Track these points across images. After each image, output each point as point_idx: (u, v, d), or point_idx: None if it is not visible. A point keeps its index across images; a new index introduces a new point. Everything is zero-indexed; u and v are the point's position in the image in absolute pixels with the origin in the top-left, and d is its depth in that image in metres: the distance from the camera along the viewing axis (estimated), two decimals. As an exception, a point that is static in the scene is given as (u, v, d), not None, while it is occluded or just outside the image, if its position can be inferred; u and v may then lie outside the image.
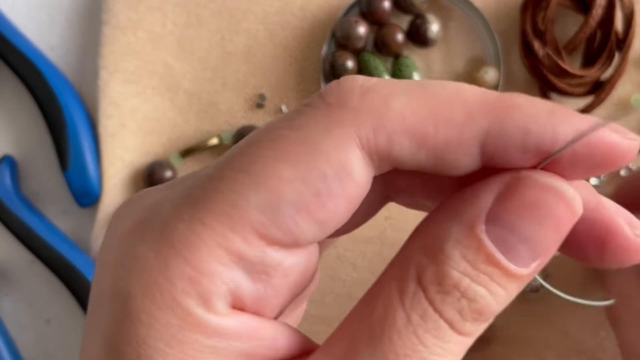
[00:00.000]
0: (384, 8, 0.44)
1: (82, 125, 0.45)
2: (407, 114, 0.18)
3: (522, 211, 0.18)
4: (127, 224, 0.19)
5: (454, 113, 0.18)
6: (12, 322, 0.47)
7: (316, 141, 0.18)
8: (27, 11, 0.47)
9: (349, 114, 0.18)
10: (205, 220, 0.18)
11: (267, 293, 0.19)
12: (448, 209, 0.19)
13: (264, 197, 0.18)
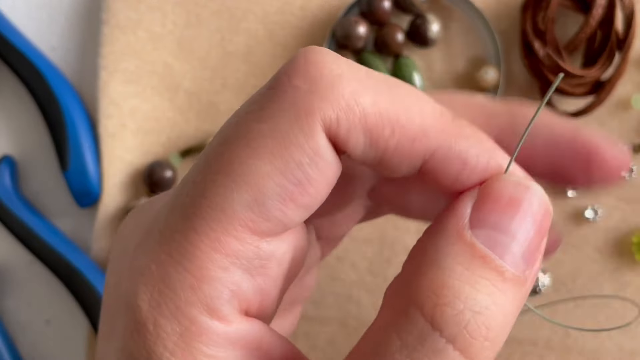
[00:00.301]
0: (384, 8, 0.44)
1: (82, 125, 0.45)
2: (369, 113, 0.19)
3: (502, 209, 0.19)
4: (135, 238, 0.20)
5: (411, 125, 0.19)
6: (12, 322, 0.47)
7: (288, 132, 0.18)
8: (26, 11, 0.47)
9: (316, 101, 0.19)
10: (198, 228, 0.18)
11: (267, 285, 0.19)
12: (431, 230, 0.19)
13: (248, 196, 0.18)
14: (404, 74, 0.44)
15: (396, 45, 0.44)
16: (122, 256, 0.20)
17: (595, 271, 0.45)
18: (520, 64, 0.45)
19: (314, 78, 0.19)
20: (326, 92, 0.19)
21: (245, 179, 0.18)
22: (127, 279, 0.19)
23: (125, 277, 0.19)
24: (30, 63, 0.44)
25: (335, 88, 0.19)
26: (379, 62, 0.44)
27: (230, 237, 0.18)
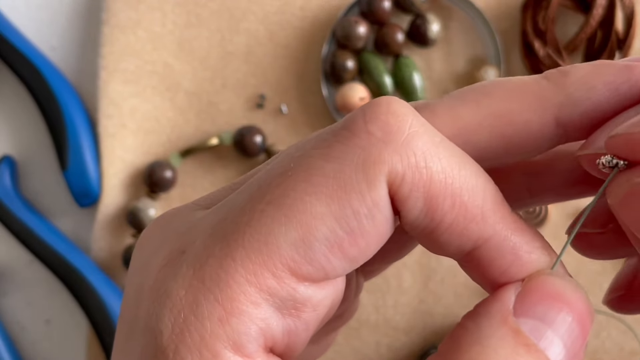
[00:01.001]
0: (384, 8, 0.44)
1: (82, 125, 0.45)
2: (435, 179, 0.18)
3: (549, 302, 0.18)
4: (161, 253, 0.19)
5: (472, 205, 0.18)
6: (12, 321, 0.47)
7: (351, 177, 0.18)
8: (27, 11, 0.47)
9: (387, 152, 0.18)
10: (236, 257, 0.17)
11: (297, 327, 0.18)
12: (473, 314, 0.19)
13: (296, 234, 0.17)
14: (403, 74, 0.44)
15: (396, 45, 0.44)
16: (144, 271, 0.19)
17: (595, 271, 0.45)
18: (520, 63, 0.45)
19: (391, 128, 0.18)
20: (399, 145, 0.18)
21: (297, 215, 0.17)
22: (150, 299, 0.18)
23: (147, 295, 0.18)
24: (30, 63, 0.44)
25: (410, 144, 0.18)
26: (379, 62, 0.44)
27: (268, 273, 0.17)
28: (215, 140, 0.45)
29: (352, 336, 0.45)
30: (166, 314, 0.17)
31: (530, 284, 0.18)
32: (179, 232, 0.19)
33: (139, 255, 0.20)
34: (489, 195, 0.19)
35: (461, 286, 0.45)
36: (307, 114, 0.46)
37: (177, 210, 0.21)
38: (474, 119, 0.19)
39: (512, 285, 0.18)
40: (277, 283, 0.17)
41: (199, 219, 0.19)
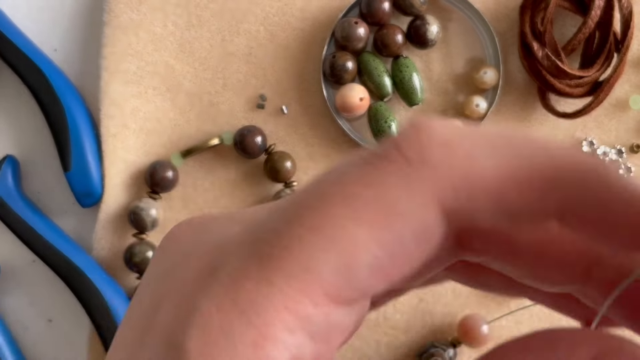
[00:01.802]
0: (384, 9, 0.44)
1: (84, 126, 0.45)
2: (489, 173, 0.17)
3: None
4: (191, 265, 0.18)
5: (538, 179, 0.17)
6: (14, 321, 0.47)
7: (394, 201, 0.17)
8: (29, 13, 0.47)
9: (429, 171, 0.17)
10: (275, 281, 0.17)
11: (324, 351, 0.18)
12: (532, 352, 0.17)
13: (337, 260, 0.17)
14: (403, 74, 0.44)
15: (396, 45, 0.44)
16: (168, 278, 0.18)
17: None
18: (519, 64, 0.45)
19: (425, 147, 0.17)
20: (440, 160, 0.17)
21: (339, 242, 0.17)
22: (175, 311, 0.17)
23: (172, 306, 0.17)
24: (32, 64, 0.44)
25: (449, 154, 0.17)
26: (378, 63, 0.44)
27: (307, 299, 0.17)
28: (216, 141, 0.45)
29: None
30: (194, 332, 0.17)
31: (606, 353, 0.17)
32: (211, 244, 0.18)
33: (163, 259, 0.19)
34: (551, 158, 0.17)
35: (460, 285, 0.45)
36: (307, 115, 0.46)
37: (211, 218, 0.20)
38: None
39: (589, 344, 0.17)
40: (314, 309, 0.17)
41: (233, 235, 0.18)
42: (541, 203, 0.17)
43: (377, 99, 0.45)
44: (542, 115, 0.46)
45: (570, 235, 0.18)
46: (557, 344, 0.16)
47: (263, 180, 0.46)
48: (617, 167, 0.45)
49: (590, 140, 0.45)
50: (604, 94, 0.43)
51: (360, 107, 0.44)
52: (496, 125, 0.25)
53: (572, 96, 0.43)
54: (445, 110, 0.46)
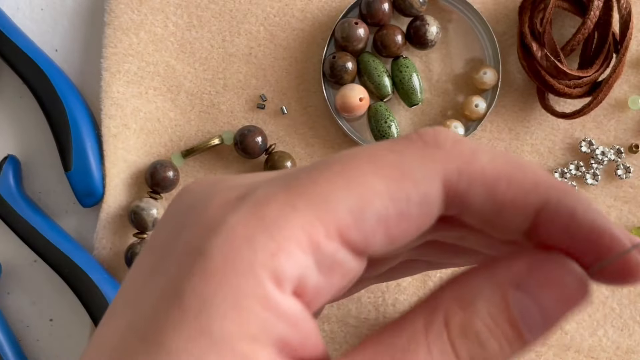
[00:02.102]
0: (384, 10, 0.44)
1: (85, 126, 0.45)
2: (488, 167, 0.21)
3: (549, 286, 0.20)
4: (218, 197, 0.20)
5: (525, 178, 0.21)
6: (16, 320, 0.47)
7: (410, 167, 0.20)
8: (30, 13, 0.47)
9: (441, 153, 0.20)
10: (297, 205, 0.19)
11: (324, 287, 0.20)
12: (484, 269, 0.21)
13: (354, 201, 0.19)
14: (403, 75, 0.44)
15: (395, 46, 0.44)
16: (192, 209, 0.20)
17: (593, 270, 0.45)
18: (518, 65, 0.46)
19: (440, 137, 0.21)
20: (451, 147, 0.21)
21: (358, 186, 0.19)
22: (201, 225, 0.19)
23: (198, 223, 0.19)
24: (33, 64, 0.44)
25: (458, 146, 0.21)
26: (378, 63, 0.45)
27: (322, 227, 0.19)
28: (216, 141, 0.45)
29: (351, 334, 0.46)
30: (219, 240, 0.19)
31: (542, 262, 0.20)
32: (237, 184, 0.21)
33: (180, 201, 0.21)
34: (538, 169, 0.21)
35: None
36: (307, 115, 0.46)
37: (226, 176, 0.22)
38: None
39: (530, 256, 0.21)
40: (326, 239, 0.19)
41: (262, 176, 0.21)
42: (523, 201, 0.20)
43: (377, 99, 0.45)
44: (541, 116, 0.46)
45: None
46: (497, 264, 0.20)
47: (263, 180, 0.46)
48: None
49: (589, 140, 0.45)
50: (602, 95, 0.43)
51: (360, 108, 0.44)
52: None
53: (571, 96, 0.44)
54: (444, 110, 0.46)
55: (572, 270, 0.21)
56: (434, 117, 0.46)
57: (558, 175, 0.45)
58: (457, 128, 0.45)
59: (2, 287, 0.47)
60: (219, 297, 0.18)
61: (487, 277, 0.20)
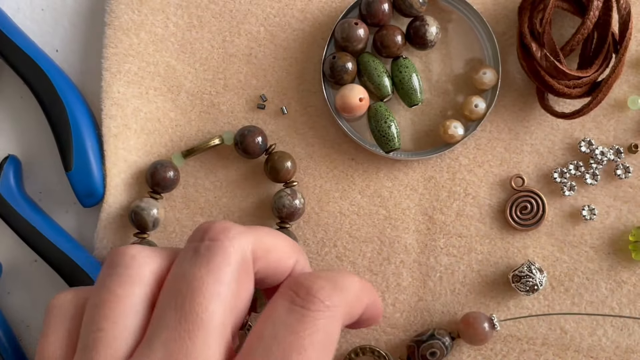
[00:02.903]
0: (384, 10, 0.44)
1: (86, 126, 0.45)
2: (260, 247, 0.30)
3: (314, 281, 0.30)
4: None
5: (275, 254, 0.32)
6: (16, 320, 0.47)
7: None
8: (31, 14, 0.47)
9: (239, 238, 0.30)
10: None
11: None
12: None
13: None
14: (403, 75, 0.44)
15: (395, 46, 0.44)
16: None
17: (592, 270, 0.45)
18: (517, 65, 0.46)
19: (225, 234, 0.30)
20: (241, 235, 0.30)
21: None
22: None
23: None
24: (34, 65, 0.45)
25: (250, 232, 0.30)
26: (378, 64, 0.45)
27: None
28: (216, 141, 0.45)
29: (351, 333, 0.46)
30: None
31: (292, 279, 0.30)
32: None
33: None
34: (282, 244, 0.32)
35: (458, 284, 0.46)
36: (307, 115, 0.46)
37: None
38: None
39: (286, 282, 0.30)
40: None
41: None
42: (276, 266, 0.32)
43: (377, 99, 0.45)
44: (541, 116, 0.46)
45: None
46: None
47: (263, 180, 0.46)
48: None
49: (589, 140, 0.45)
50: (602, 95, 0.43)
51: (360, 108, 0.44)
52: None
53: (570, 96, 0.44)
54: (444, 111, 0.46)
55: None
56: (434, 117, 0.46)
57: (557, 175, 0.45)
58: (457, 128, 0.45)
59: (2, 287, 0.47)
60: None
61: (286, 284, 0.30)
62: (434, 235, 0.46)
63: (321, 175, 0.46)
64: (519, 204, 0.45)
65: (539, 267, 0.45)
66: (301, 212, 0.45)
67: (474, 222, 0.46)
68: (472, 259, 0.46)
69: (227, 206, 0.46)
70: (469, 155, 0.46)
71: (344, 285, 0.30)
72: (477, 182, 0.46)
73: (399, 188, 0.46)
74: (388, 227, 0.46)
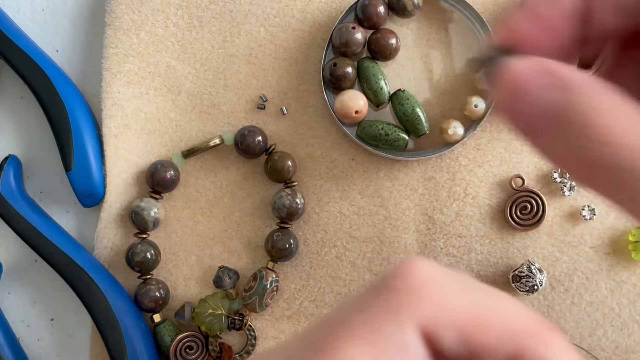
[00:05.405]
0: (379, 12, 0.44)
1: (86, 126, 0.45)
2: (459, 312, 0.21)
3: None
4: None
5: (500, 325, 0.21)
6: (16, 320, 0.47)
7: (381, 323, 0.21)
8: (31, 14, 0.47)
9: (411, 300, 0.21)
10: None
11: None
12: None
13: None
14: (405, 108, 0.44)
15: (389, 49, 0.44)
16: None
17: (592, 270, 0.46)
18: (517, 65, 0.46)
19: (411, 281, 0.22)
20: (421, 292, 0.21)
21: (337, 358, 0.21)
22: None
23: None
24: (34, 65, 0.45)
25: (429, 290, 0.21)
26: (377, 70, 0.45)
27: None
28: (217, 141, 0.45)
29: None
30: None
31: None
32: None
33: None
34: (516, 312, 0.22)
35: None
36: (307, 115, 0.46)
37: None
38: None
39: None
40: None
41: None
42: (494, 348, 0.21)
43: (375, 105, 0.45)
44: (541, 116, 0.46)
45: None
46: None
47: (264, 180, 0.46)
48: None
49: (589, 140, 0.45)
50: (602, 95, 0.43)
51: (358, 117, 0.44)
52: (468, 276, 0.29)
53: (570, 97, 0.44)
54: (444, 111, 0.46)
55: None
56: (434, 117, 0.46)
57: (557, 175, 0.45)
58: (457, 128, 0.45)
59: (3, 287, 0.47)
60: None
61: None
62: (434, 235, 0.46)
63: (321, 175, 0.46)
64: (519, 204, 0.45)
65: (539, 267, 0.45)
66: (301, 212, 0.45)
67: (473, 222, 0.46)
68: (472, 259, 0.46)
69: (227, 206, 0.46)
70: (469, 155, 0.46)
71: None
72: (477, 182, 0.46)
73: (399, 188, 0.46)
74: (388, 227, 0.46)
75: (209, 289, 0.46)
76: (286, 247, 0.45)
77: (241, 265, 0.46)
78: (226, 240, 0.46)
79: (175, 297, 0.46)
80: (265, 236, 0.46)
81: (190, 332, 0.45)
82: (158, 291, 0.45)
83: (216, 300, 0.45)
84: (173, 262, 0.46)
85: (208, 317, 0.45)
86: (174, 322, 0.46)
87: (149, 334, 0.45)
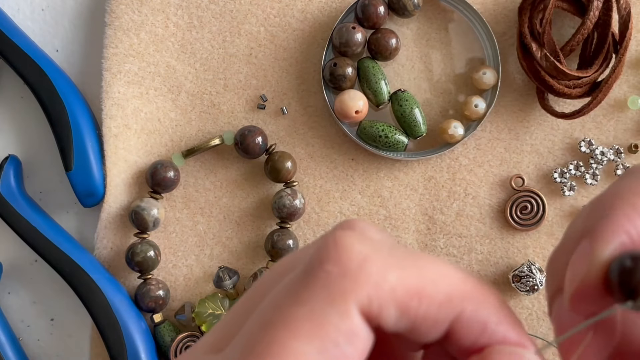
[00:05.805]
0: (379, 13, 0.44)
1: (86, 126, 0.45)
2: (398, 287, 0.21)
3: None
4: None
5: (436, 293, 0.21)
6: (16, 320, 0.47)
7: (324, 314, 0.20)
8: (31, 14, 0.47)
9: (347, 284, 0.21)
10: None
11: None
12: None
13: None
14: (404, 108, 0.44)
15: (389, 49, 0.45)
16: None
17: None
18: (518, 65, 0.46)
19: (345, 263, 0.21)
20: (356, 274, 0.21)
21: (286, 358, 0.20)
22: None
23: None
24: (35, 65, 0.45)
25: (365, 270, 0.21)
26: (377, 70, 0.45)
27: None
28: (217, 141, 0.45)
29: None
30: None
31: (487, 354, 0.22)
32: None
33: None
34: (450, 278, 0.22)
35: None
36: (307, 115, 0.46)
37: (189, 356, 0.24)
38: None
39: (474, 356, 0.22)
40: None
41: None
42: (435, 316, 0.21)
43: (374, 105, 0.45)
44: (541, 116, 0.46)
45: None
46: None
47: (264, 180, 0.46)
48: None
49: (589, 140, 0.45)
50: (602, 95, 0.43)
51: (357, 117, 0.44)
52: (405, 246, 0.28)
53: (570, 97, 0.44)
54: (444, 111, 0.46)
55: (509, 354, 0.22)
56: (434, 117, 0.46)
57: (557, 175, 0.45)
58: (457, 128, 0.45)
59: (3, 287, 0.47)
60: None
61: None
62: (434, 235, 0.46)
63: (321, 175, 0.46)
64: (519, 204, 0.45)
65: (539, 267, 0.45)
66: (301, 212, 0.45)
67: (474, 222, 0.46)
68: (472, 259, 0.46)
69: (227, 206, 0.46)
70: (469, 155, 0.46)
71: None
72: (477, 182, 0.46)
73: (399, 188, 0.46)
74: (388, 227, 0.46)
75: (209, 289, 0.46)
76: (286, 247, 0.45)
77: (241, 265, 0.46)
78: (226, 240, 0.46)
79: (175, 297, 0.46)
80: (265, 236, 0.46)
81: (190, 332, 0.45)
82: (158, 291, 0.45)
83: (216, 300, 0.45)
84: (173, 262, 0.46)
85: (208, 317, 0.45)
86: (174, 322, 0.46)
87: (149, 334, 0.45)
